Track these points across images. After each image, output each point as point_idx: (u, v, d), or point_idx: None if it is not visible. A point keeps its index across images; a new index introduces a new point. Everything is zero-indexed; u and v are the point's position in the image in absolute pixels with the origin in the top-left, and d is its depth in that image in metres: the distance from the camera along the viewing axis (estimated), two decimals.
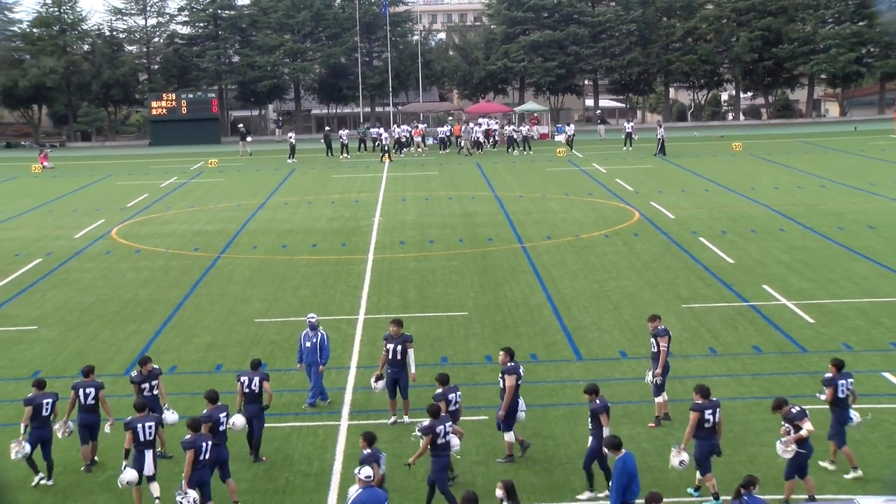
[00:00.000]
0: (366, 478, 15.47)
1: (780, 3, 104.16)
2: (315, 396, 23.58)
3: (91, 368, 20.78)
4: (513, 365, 20.12)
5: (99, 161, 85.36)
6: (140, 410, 18.71)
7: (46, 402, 19.62)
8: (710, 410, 18.26)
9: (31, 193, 62.73)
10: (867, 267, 35.42)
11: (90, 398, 20.09)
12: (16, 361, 27.59)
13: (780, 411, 17.98)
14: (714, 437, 18.32)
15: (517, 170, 67.48)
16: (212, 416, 18.68)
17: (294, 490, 19.19)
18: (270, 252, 41.55)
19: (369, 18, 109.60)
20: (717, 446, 18.38)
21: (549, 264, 37.52)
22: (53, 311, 33.08)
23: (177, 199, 58.70)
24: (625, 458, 16.43)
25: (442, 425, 18.16)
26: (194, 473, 17.41)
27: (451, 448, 18.37)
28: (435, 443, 18.01)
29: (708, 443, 18.23)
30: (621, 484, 16.22)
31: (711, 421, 18.24)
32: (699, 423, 18.15)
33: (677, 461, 18.13)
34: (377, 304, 32.74)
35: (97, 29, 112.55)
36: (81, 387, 20.17)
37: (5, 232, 48.21)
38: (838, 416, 19.34)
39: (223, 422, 18.86)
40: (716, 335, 28.03)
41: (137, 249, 42.86)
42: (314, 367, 23.29)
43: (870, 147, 73.76)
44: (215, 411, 18.87)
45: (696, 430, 18.18)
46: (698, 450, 18.24)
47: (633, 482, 16.33)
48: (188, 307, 33.09)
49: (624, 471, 16.26)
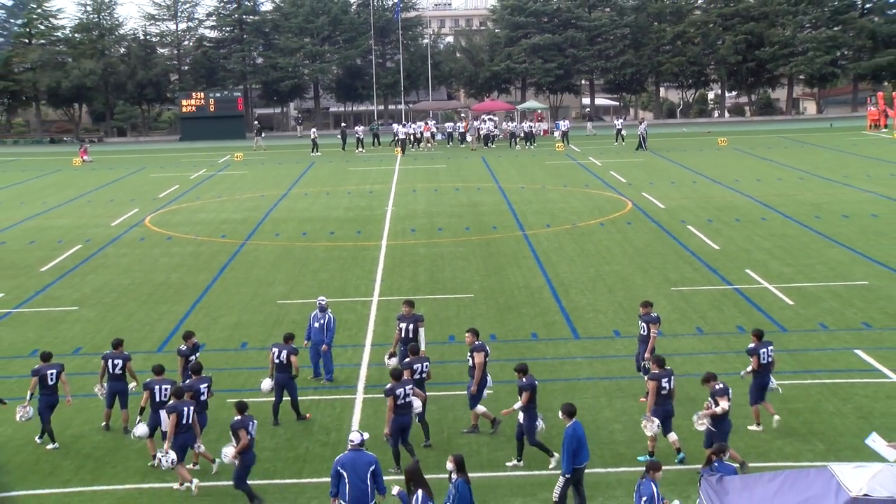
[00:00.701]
0: (352, 442, 15.59)
1: (762, 9, 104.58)
2: (330, 372, 23.58)
3: (120, 341, 21.14)
4: (480, 343, 20.29)
5: (133, 155, 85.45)
6: (158, 374, 19.23)
7: (50, 373, 20.02)
8: (666, 379, 18.53)
9: (72, 185, 62.78)
10: (841, 253, 35.34)
11: (118, 368, 20.54)
12: (59, 339, 27.64)
13: (707, 385, 18.10)
14: (669, 402, 18.56)
15: (519, 163, 67.37)
16: (192, 385, 18.96)
17: (313, 458, 19.21)
18: (292, 239, 41.54)
19: (383, 23, 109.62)
20: (672, 410, 18.58)
21: (548, 250, 37.48)
22: (92, 293, 33.13)
23: (205, 189, 58.71)
24: (574, 426, 16.55)
25: (402, 388, 18.44)
26: (178, 437, 17.59)
27: (412, 409, 18.70)
28: (396, 403, 18.26)
29: (664, 408, 18.44)
30: (571, 448, 16.34)
31: (668, 388, 18.50)
32: (657, 390, 18.34)
33: (652, 429, 18.27)
34: (390, 286, 32.73)
35: (132, 33, 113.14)
36: (111, 357, 20.68)
37: (49, 220, 48.26)
38: (759, 380, 19.87)
39: (203, 391, 19.09)
40: (702, 316, 28.00)
41: (169, 236, 42.89)
42: (320, 346, 23.25)
43: (844, 142, 73.50)
44: (197, 382, 19.17)
45: (656, 397, 18.38)
46: (658, 415, 18.43)
47: (582, 448, 16.45)
48: (216, 290, 33.12)
49: (574, 437, 16.40)
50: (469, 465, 18.36)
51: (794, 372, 22.95)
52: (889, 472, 12.52)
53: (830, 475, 12.50)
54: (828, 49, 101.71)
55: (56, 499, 17.81)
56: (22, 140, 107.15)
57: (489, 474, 18.25)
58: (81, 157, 78.63)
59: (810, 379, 22.60)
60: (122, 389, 20.58)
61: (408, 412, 18.57)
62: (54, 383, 20.00)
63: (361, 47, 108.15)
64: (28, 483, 18.43)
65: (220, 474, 18.18)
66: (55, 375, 20.05)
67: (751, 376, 20.00)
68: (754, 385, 19.91)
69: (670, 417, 18.58)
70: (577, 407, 16.97)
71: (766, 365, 19.85)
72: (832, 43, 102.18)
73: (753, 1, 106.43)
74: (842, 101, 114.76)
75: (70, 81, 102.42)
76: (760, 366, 19.80)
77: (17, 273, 36.28)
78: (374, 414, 21.09)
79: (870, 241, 37.13)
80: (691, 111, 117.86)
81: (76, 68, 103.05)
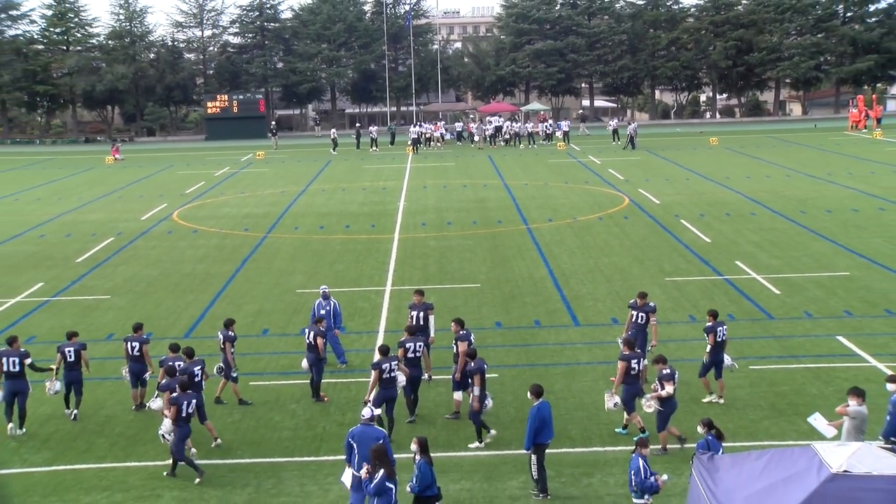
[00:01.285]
0: (363, 417, 15.85)
1: (750, 17, 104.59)
2: (342, 354, 23.55)
3: (140, 325, 21.37)
4: (464, 333, 20.26)
5: (162, 153, 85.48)
6: (174, 351, 19.59)
7: (69, 350, 20.19)
8: (636, 360, 18.63)
9: (105, 182, 62.86)
10: (825, 245, 35.27)
11: (135, 350, 20.68)
12: (93, 325, 27.72)
13: (656, 366, 18.15)
14: (637, 382, 18.63)
15: (523, 161, 67.27)
16: (187, 369, 19.06)
17: (330, 437, 19.24)
18: (310, 232, 41.57)
19: (395, 30, 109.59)
20: (640, 390, 18.65)
21: (550, 243, 37.45)
22: (123, 282, 33.19)
23: (229, 186, 58.73)
24: (540, 406, 16.54)
25: (388, 363, 18.79)
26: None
27: (397, 383, 18.97)
28: (381, 377, 18.66)
29: (633, 387, 18.56)
30: (533, 427, 16.35)
31: (637, 369, 18.60)
32: (627, 370, 18.44)
33: (611, 403, 18.42)
34: (402, 276, 32.73)
35: (161, 40, 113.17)
36: (129, 340, 20.84)
37: (83, 215, 48.33)
38: (714, 356, 20.11)
39: (197, 374, 19.15)
40: (695, 304, 27.95)
41: (195, 230, 42.94)
42: (330, 332, 22.90)
43: (827, 142, 73.28)
44: (191, 365, 19.26)
45: (625, 376, 18.47)
46: (625, 393, 18.57)
47: (545, 427, 16.46)
48: (239, 279, 33.16)
49: (537, 416, 16.40)
50: None
51: (780, 357, 22.94)
52: (867, 450, 12.55)
53: (813, 453, 12.51)
54: (812, 55, 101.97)
55: (93, 473, 17.91)
56: (59, 140, 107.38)
57: (493, 453, 18.27)
58: (113, 156, 78.73)
59: (795, 363, 22.58)
60: (141, 370, 20.72)
61: (392, 385, 18.89)
62: (73, 360, 20.13)
63: (375, 52, 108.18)
64: (66, 458, 18.57)
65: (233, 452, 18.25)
66: (73, 353, 20.19)
67: (706, 354, 20.26)
68: (709, 361, 20.19)
69: (637, 397, 18.63)
70: (578, 389, 16.95)
71: (720, 343, 20.14)
72: (816, 49, 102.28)
73: (743, 9, 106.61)
74: (825, 103, 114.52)
75: (103, 85, 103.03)
76: (716, 343, 20.07)
77: (55, 264, 36.37)
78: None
79: (851, 234, 37.04)
80: (685, 112, 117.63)
81: (109, 73, 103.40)
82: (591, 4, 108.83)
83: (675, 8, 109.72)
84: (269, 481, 17.34)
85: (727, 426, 17.97)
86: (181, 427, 17.37)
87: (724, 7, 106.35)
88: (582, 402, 20.61)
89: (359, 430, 15.72)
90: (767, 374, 20.90)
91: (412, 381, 19.66)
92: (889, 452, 12.68)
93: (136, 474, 17.77)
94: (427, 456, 14.72)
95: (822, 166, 57.87)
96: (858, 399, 16.03)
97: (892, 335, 24.51)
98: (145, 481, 17.41)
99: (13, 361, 19.73)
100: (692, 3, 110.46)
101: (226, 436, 19.31)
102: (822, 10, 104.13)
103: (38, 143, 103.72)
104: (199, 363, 19.47)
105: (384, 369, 18.73)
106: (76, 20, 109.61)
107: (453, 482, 17.01)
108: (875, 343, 23.88)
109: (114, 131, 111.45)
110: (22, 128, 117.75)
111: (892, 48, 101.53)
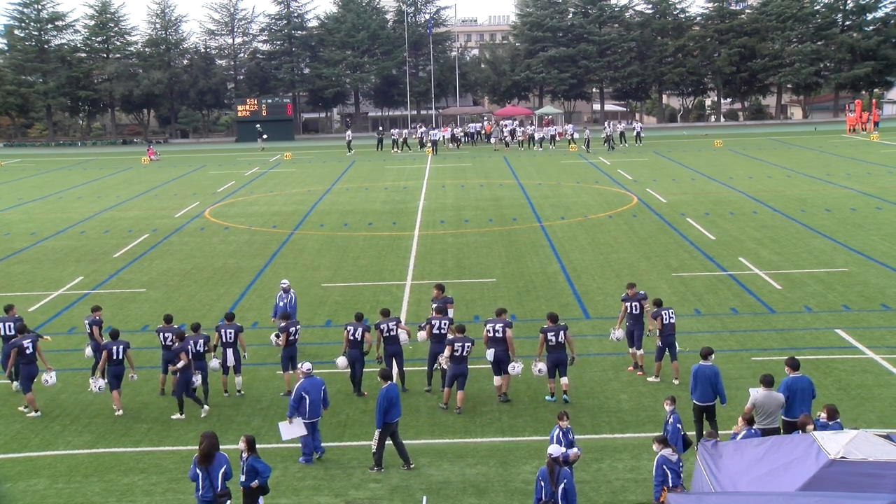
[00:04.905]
0: (306, 370, 17.45)
1: (753, 26, 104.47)
2: None
3: (170, 317, 21.57)
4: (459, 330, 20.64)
5: (195, 154, 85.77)
6: (195, 330, 20.54)
7: (115, 348, 20.21)
8: (553, 333, 19.73)
9: (141, 181, 63.11)
10: (824, 243, 35.11)
11: (168, 340, 20.80)
12: (130, 317, 27.84)
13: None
14: (558, 352, 19.73)
15: (537, 162, 67.20)
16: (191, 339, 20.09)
17: (353, 424, 19.27)
18: (335, 229, 41.62)
19: (416, 38, 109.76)
20: (563, 359, 19.78)
21: (562, 240, 37.41)
22: (158, 276, 33.32)
23: (258, 185, 58.86)
24: (388, 388, 17.01)
25: (386, 323, 20.58)
26: (183, 374, 19.45)
27: (400, 341, 20.73)
28: (383, 336, 20.51)
29: (553, 356, 19.75)
30: (382, 407, 16.85)
31: (554, 341, 19.70)
32: (545, 341, 19.71)
33: (535, 370, 19.84)
34: (422, 271, 32.74)
35: (194, 47, 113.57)
36: (162, 332, 21.02)
37: (120, 212, 48.53)
38: (664, 340, 20.71)
39: (200, 346, 20.22)
40: (700, 298, 27.88)
41: (226, 226, 43.05)
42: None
43: (827, 144, 72.97)
44: (196, 337, 20.29)
45: (546, 346, 19.73)
46: (549, 362, 19.77)
47: (392, 407, 16.93)
48: (268, 273, 33.21)
49: (386, 397, 16.90)
50: (490, 430, 18.58)
51: (781, 349, 22.84)
52: (863, 437, 12.52)
53: (812, 440, 12.49)
54: (812, 61, 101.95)
55: (130, 456, 17.99)
56: (99, 142, 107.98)
57: (508, 439, 18.27)
58: (149, 157, 79.11)
59: (795, 355, 22.40)
60: (172, 359, 20.60)
61: (396, 342, 20.66)
62: (119, 357, 20.11)
63: (397, 59, 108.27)
64: (106, 441, 18.68)
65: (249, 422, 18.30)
66: (121, 351, 20.14)
67: (657, 337, 20.79)
68: (661, 345, 20.78)
69: (560, 365, 19.77)
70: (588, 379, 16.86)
71: (668, 325, 20.71)
72: (816, 56, 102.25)
73: (746, 18, 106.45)
74: (825, 107, 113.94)
75: (140, 90, 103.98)
76: (664, 326, 20.64)
77: (94, 259, 36.54)
78: (410, 387, 21.09)
79: (849, 232, 36.87)
80: (690, 116, 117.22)
81: (146, 78, 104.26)
82: (601, 13, 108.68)
83: (682, 17, 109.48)
84: (296, 465, 17.38)
85: (731, 414, 17.91)
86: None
87: (728, 16, 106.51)
88: (592, 391, 20.57)
89: (307, 382, 17.29)
90: (769, 366, 20.78)
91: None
92: (885, 440, 12.64)
93: (170, 458, 17.84)
94: (254, 453, 14.65)
95: (821, 167, 57.60)
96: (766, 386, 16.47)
97: (888, 328, 24.40)
98: (178, 464, 17.47)
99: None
100: (698, 12, 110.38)
101: (255, 422, 19.40)
102: (821, 19, 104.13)
103: (80, 145, 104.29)
104: (203, 337, 20.37)
105: (382, 329, 20.53)
106: (116, 29, 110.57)
107: (469, 467, 17.03)
108: (872, 336, 23.77)
109: (150, 133, 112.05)
110: (65, 131, 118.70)
111: (889, 55, 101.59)
